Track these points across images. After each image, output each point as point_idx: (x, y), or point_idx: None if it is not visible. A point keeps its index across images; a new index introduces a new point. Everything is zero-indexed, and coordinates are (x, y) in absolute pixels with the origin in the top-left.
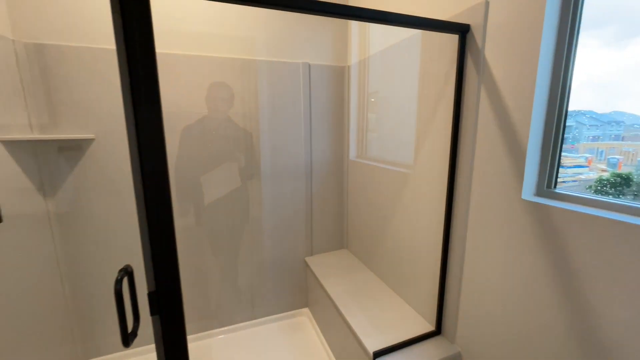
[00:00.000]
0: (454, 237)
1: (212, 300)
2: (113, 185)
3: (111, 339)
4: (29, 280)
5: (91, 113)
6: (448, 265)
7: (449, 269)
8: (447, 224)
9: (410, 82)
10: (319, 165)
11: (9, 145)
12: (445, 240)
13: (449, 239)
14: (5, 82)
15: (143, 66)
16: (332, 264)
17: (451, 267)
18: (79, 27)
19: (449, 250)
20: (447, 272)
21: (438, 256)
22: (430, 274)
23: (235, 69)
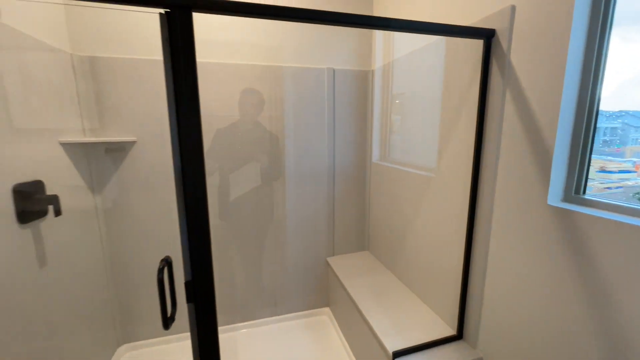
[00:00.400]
0: (476, 241)
1: (238, 295)
2: (151, 183)
3: (147, 326)
4: (80, 267)
5: (134, 118)
6: (470, 270)
7: (472, 274)
8: (470, 228)
9: (433, 86)
10: (341, 168)
11: (67, 147)
12: (468, 244)
13: (471, 243)
14: (64, 91)
15: (186, 79)
16: (353, 265)
17: (473, 271)
18: (126, 41)
19: (472, 254)
20: (470, 276)
21: (460, 260)
22: (452, 278)
23: (263, 76)
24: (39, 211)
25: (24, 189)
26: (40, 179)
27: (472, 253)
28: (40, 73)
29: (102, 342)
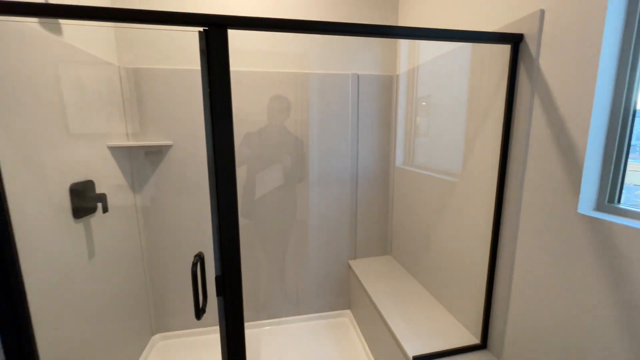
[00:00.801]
0: (502, 249)
1: (262, 293)
2: (185, 184)
3: (179, 317)
4: (121, 260)
5: (170, 123)
6: (495, 278)
7: (497, 282)
8: (495, 236)
9: (459, 91)
10: (364, 172)
11: (113, 150)
12: (493, 252)
13: (496, 250)
14: (112, 100)
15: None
16: (375, 268)
17: (499, 279)
18: (166, 53)
19: (497, 262)
20: (495, 285)
21: (485, 268)
22: (476, 286)
23: (290, 82)
24: (90, 208)
25: (78, 188)
26: (91, 179)
27: (497, 261)
28: (92, 84)
29: (138, 330)
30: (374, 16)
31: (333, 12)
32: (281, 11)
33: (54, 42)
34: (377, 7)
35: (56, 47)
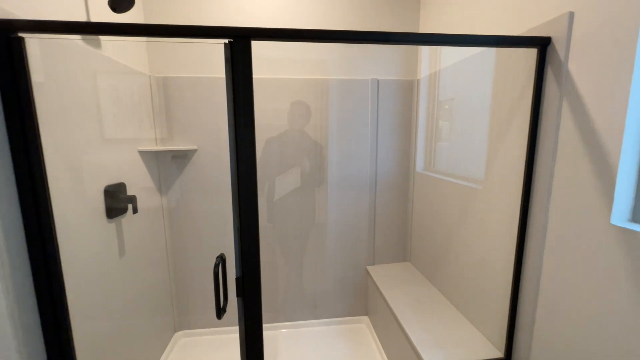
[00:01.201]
0: (527, 259)
1: (280, 295)
2: (208, 187)
3: (200, 316)
4: (147, 259)
5: (196, 128)
6: (520, 289)
7: (522, 294)
8: (520, 245)
9: (482, 95)
10: (384, 177)
11: (143, 154)
12: (518, 261)
13: (521, 260)
14: (142, 107)
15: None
16: (394, 275)
17: (524, 291)
18: (192, 62)
19: (522, 273)
20: (520, 296)
21: (509, 278)
22: (499, 296)
23: (310, 88)
24: (121, 208)
25: (111, 190)
26: (123, 182)
27: (522, 271)
28: (126, 92)
29: (162, 327)
30: (394, 21)
31: (353, 19)
32: (302, 20)
33: (94, 55)
34: (398, 12)
35: (96, 59)
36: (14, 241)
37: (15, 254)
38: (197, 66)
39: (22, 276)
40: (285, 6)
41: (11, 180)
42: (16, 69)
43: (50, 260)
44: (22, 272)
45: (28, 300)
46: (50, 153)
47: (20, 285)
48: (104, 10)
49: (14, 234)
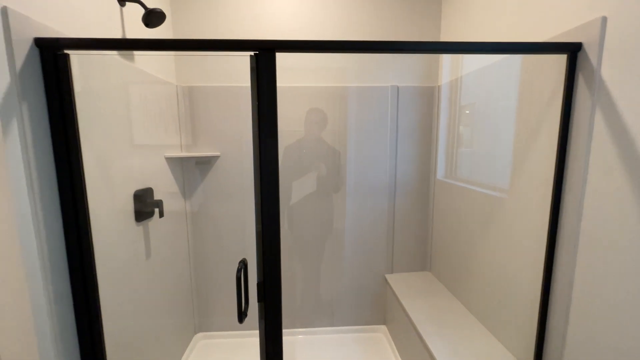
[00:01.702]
0: (557, 273)
1: (297, 301)
2: (230, 192)
3: (220, 318)
4: (171, 261)
5: (219, 136)
6: (550, 303)
7: (552, 308)
8: (550, 257)
9: (507, 102)
10: (403, 184)
11: (169, 160)
12: (547, 274)
13: (551, 274)
14: (169, 115)
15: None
16: (413, 284)
17: (554, 305)
18: (217, 72)
19: (552, 286)
20: (549, 311)
21: (537, 291)
22: (526, 310)
23: (329, 96)
24: (148, 212)
25: (140, 194)
26: (151, 187)
27: (552, 283)
28: (154, 101)
29: (183, 328)
30: (414, 29)
31: (373, 27)
32: (324, 30)
33: (127, 67)
34: (418, 20)
35: (128, 71)
36: (53, 241)
37: (55, 252)
38: (221, 76)
39: (61, 275)
40: (308, 17)
41: (53, 182)
42: (61, 83)
43: (85, 260)
44: (61, 272)
45: (65, 299)
46: (87, 158)
47: (59, 283)
48: (136, 25)
49: (54, 234)
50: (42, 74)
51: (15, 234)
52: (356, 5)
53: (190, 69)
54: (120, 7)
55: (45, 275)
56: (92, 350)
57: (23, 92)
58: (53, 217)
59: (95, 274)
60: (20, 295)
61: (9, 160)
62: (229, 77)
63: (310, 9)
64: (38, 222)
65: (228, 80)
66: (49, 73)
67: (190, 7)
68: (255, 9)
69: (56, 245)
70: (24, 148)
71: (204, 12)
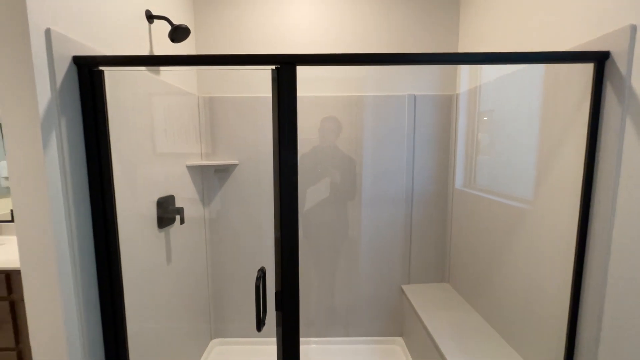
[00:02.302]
0: (588, 287)
1: (311, 309)
2: (248, 200)
3: (236, 325)
4: (190, 266)
5: (237, 144)
6: (579, 319)
7: (581, 324)
8: (579, 271)
9: (529, 112)
10: (420, 193)
11: (190, 169)
12: (576, 289)
13: (580, 289)
14: (191, 125)
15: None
16: (431, 296)
17: (584, 321)
18: (236, 83)
19: (581, 301)
20: (578, 327)
21: (564, 306)
22: (552, 326)
23: (345, 105)
24: (170, 219)
25: (162, 201)
26: (173, 194)
27: (581, 299)
28: (176, 111)
29: (200, 333)
30: (432, 38)
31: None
32: (342, 42)
33: (153, 80)
34: (435, 29)
35: (154, 83)
36: (84, 245)
37: (85, 257)
38: (240, 87)
39: (90, 279)
40: (325, 28)
41: (85, 190)
42: (96, 97)
43: (113, 264)
44: (90, 275)
45: (92, 300)
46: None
47: (88, 286)
48: (162, 40)
49: (84, 239)
50: (78, 89)
51: (51, 239)
52: (373, 15)
53: (211, 80)
54: (149, 24)
55: (76, 279)
56: (117, 352)
57: (62, 107)
58: (84, 223)
59: (121, 278)
60: (53, 298)
61: (48, 170)
62: (248, 87)
63: (328, 20)
64: (71, 227)
65: (247, 91)
66: (85, 88)
67: (212, 22)
68: (275, 22)
69: (86, 250)
70: (61, 158)
71: (225, 27)
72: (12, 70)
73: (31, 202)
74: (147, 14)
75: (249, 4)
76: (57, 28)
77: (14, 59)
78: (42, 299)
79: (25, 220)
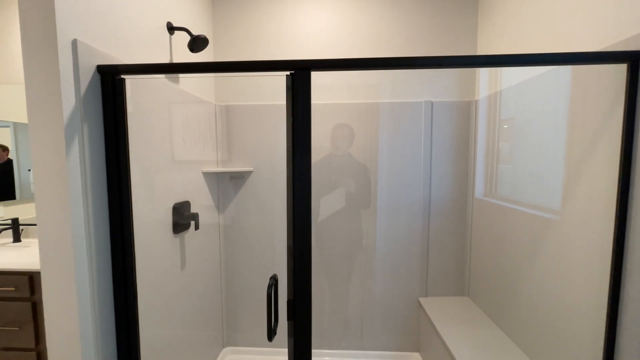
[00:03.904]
0: (627, 305)
1: (325, 320)
2: (262, 207)
3: (248, 334)
4: (203, 273)
5: (252, 152)
6: (617, 340)
7: (619, 346)
8: (616, 288)
9: (555, 116)
10: (438, 202)
11: (206, 175)
12: (613, 307)
13: (617, 306)
14: (208, 133)
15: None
16: (450, 310)
17: (622, 343)
18: (252, 92)
19: (619, 320)
20: (616, 350)
21: (599, 325)
22: (586, 346)
23: (360, 112)
24: (185, 225)
25: (178, 207)
26: (188, 200)
27: (619, 318)
28: (194, 119)
29: (212, 341)
30: (449, 42)
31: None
32: (357, 48)
33: (173, 88)
34: (453, 32)
35: (173, 92)
36: (101, 247)
37: (101, 259)
38: (256, 95)
39: (105, 281)
40: (340, 32)
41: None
42: (117, 104)
43: (128, 268)
44: (105, 278)
45: (107, 303)
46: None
47: (103, 288)
48: (182, 49)
49: (101, 241)
50: (101, 97)
51: (70, 242)
52: (387, 19)
53: (228, 89)
54: (170, 35)
55: (92, 282)
56: (129, 356)
57: (85, 114)
58: (101, 227)
59: (135, 282)
60: (69, 300)
61: (70, 175)
62: (263, 96)
63: (342, 27)
64: (89, 231)
65: (262, 99)
66: (107, 96)
67: (230, 32)
68: (289, 29)
69: (103, 253)
70: (82, 163)
71: (242, 36)
72: (39, 79)
73: (53, 206)
74: (168, 26)
75: (264, 15)
76: (83, 39)
77: (42, 68)
78: (59, 301)
79: (47, 223)
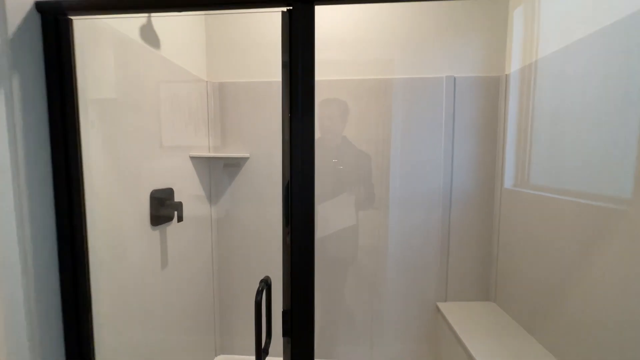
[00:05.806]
0: None
1: (329, 327)
2: (259, 198)
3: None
4: (191, 272)
5: (249, 136)
6: None
7: None
8: None
9: (615, 85)
10: (461, 193)
11: (195, 161)
12: None
13: None
14: (198, 113)
15: (304, 82)
16: (474, 316)
17: None
18: (247, 67)
19: None
20: None
21: None
22: None
23: (371, 89)
24: (167, 216)
25: (158, 195)
26: (171, 187)
27: None
28: (184, 99)
29: (203, 348)
30: None
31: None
32: None
33: (152, 54)
34: None
35: (152, 58)
36: (42, 243)
37: (44, 257)
38: (253, 71)
39: (47, 275)
40: None
41: (47, 173)
42: (62, 52)
43: (78, 266)
44: (50, 278)
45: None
46: (94, 150)
47: (44, 282)
48: None
49: (44, 236)
50: (42, 44)
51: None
52: None
53: (221, 64)
54: None
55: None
56: None
57: (15, 62)
58: (44, 214)
59: (88, 281)
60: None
61: None
62: (261, 72)
63: None
64: (22, 218)
65: (260, 76)
66: (49, 41)
67: None
68: None
69: (46, 249)
70: (11, 128)
71: None
72: None
73: None
74: None
75: None
76: None
77: None
78: None
79: None
